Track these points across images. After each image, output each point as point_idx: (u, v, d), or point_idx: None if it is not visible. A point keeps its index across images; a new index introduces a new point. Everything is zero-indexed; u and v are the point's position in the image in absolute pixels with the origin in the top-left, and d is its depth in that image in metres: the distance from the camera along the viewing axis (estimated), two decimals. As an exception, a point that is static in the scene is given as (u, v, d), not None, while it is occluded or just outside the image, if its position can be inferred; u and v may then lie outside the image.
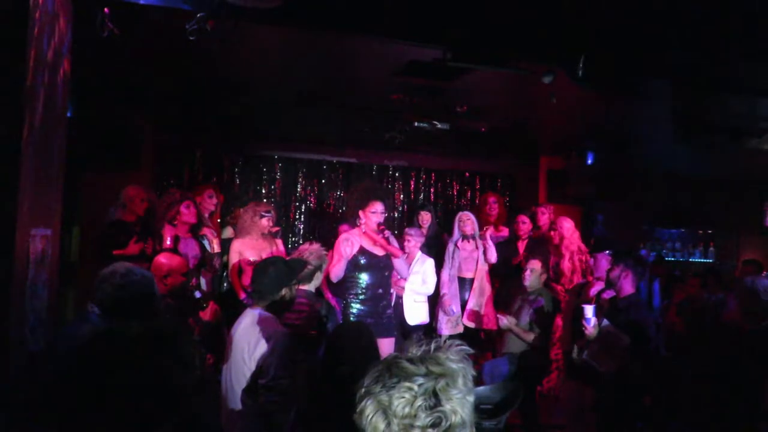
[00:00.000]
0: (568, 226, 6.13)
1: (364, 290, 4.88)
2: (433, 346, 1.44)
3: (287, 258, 4.00)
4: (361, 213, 4.94)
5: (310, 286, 4.13)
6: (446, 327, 5.84)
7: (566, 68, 4.15)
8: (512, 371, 4.92)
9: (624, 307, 4.30)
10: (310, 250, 4.19)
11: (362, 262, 4.87)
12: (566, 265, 5.97)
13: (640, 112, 5.79)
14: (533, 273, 5.16)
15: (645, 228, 9.00)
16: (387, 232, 4.95)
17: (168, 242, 5.22)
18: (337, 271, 4.81)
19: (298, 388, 3.14)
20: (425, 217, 6.48)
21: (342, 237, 5.00)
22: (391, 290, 5.24)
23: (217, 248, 5.56)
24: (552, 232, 6.14)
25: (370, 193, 5.04)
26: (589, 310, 4.26)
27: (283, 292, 3.35)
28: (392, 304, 5.23)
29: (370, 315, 4.85)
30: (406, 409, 1.34)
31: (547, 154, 8.42)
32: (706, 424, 3.71)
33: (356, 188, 6.89)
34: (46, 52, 3.01)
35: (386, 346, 4.68)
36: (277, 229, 5.54)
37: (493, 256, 5.92)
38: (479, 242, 5.98)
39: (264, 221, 5.44)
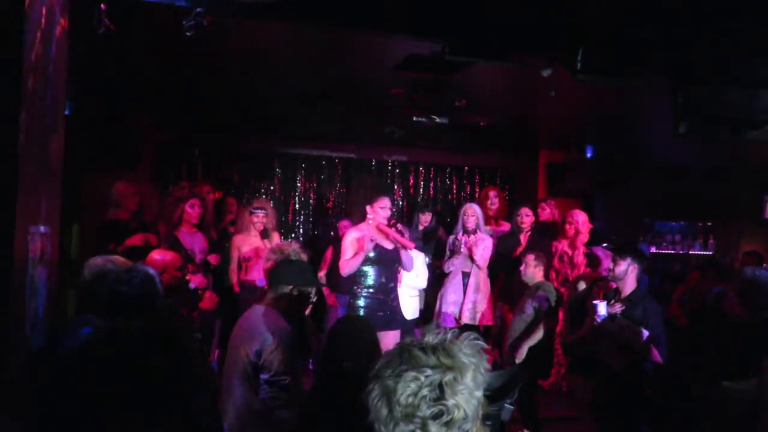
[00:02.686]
0: (582, 219, 6.09)
1: (374, 283, 4.93)
2: (449, 335, 1.45)
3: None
4: (368, 208, 4.99)
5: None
6: (448, 320, 5.85)
7: (565, 61, 4.13)
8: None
9: (639, 301, 4.27)
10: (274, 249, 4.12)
11: (372, 255, 4.90)
12: (580, 258, 5.94)
13: (639, 105, 5.78)
14: (528, 266, 5.16)
15: (644, 221, 9.00)
16: (400, 226, 5.00)
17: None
18: (352, 265, 4.86)
19: (300, 384, 3.14)
20: (423, 219, 6.55)
21: (352, 233, 5.02)
22: (399, 284, 5.25)
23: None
24: (567, 225, 6.10)
25: (377, 189, 5.13)
26: (602, 307, 4.24)
27: (301, 289, 3.36)
28: (397, 296, 5.23)
29: (380, 308, 4.89)
30: (410, 399, 1.35)
31: (547, 148, 8.41)
32: (707, 419, 3.71)
33: (361, 184, 6.92)
34: (43, 49, 2.99)
35: (392, 338, 4.71)
36: (261, 228, 5.55)
37: (479, 258, 5.89)
38: (479, 236, 5.96)
39: (253, 218, 5.51)
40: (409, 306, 5.65)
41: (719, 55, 4.25)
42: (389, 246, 4.99)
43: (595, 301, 4.34)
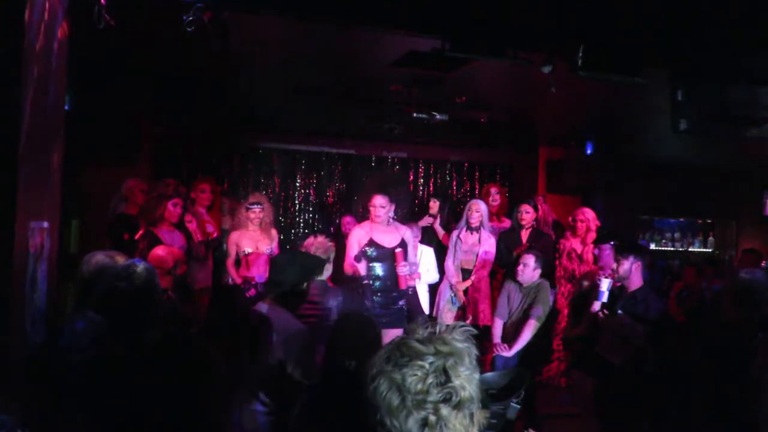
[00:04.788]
0: (592, 216, 6.08)
1: (374, 282, 4.92)
2: (438, 328, 1.50)
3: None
4: (369, 206, 5.04)
5: (322, 276, 4.13)
6: (447, 317, 5.85)
7: (565, 58, 4.13)
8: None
9: (642, 298, 4.26)
10: (316, 245, 4.22)
11: (372, 254, 4.90)
12: (590, 256, 5.93)
13: (639, 102, 5.77)
14: (526, 268, 5.11)
15: (644, 218, 9.01)
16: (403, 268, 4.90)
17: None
18: (351, 262, 4.94)
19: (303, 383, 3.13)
20: (433, 206, 6.58)
21: (354, 231, 5.09)
22: (410, 282, 5.23)
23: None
24: (579, 223, 6.08)
25: (373, 186, 5.14)
26: (605, 284, 4.24)
27: (303, 286, 3.36)
28: (407, 294, 5.21)
29: (381, 306, 4.89)
30: (419, 386, 1.40)
31: (546, 145, 8.41)
32: (707, 416, 3.71)
33: (366, 181, 6.99)
34: (43, 45, 2.99)
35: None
36: (258, 223, 5.56)
37: (481, 258, 5.91)
38: (482, 235, 5.94)
39: (249, 214, 5.48)
40: (425, 301, 5.68)
41: (719, 52, 4.25)
42: (389, 244, 4.99)
43: (600, 277, 4.34)
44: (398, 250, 4.93)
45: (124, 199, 5.66)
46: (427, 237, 6.32)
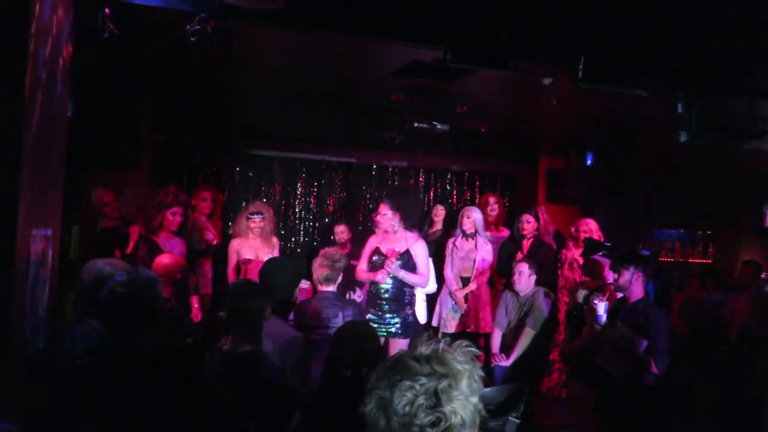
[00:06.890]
0: (595, 227, 6.07)
1: (380, 290, 4.92)
2: (441, 345, 1.45)
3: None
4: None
5: (332, 288, 4.13)
6: (450, 325, 5.83)
7: (566, 69, 4.14)
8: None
9: (643, 309, 4.26)
10: (325, 254, 4.24)
11: (377, 261, 4.94)
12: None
13: (639, 113, 5.79)
14: (522, 276, 5.13)
15: (644, 228, 9.00)
16: (389, 263, 4.90)
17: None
18: (362, 273, 5.05)
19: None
20: (440, 213, 6.57)
21: (370, 238, 5.17)
22: (414, 291, 5.22)
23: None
24: (582, 234, 6.07)
25: (383, 197, 5.27)
26: (601, 307, 4.24)
27: (295, 293, 3.37)
28: (413, 303, 5.20)
29: (387, 313, 4.90)
30: (407, 408, 1.35)
31: (547, 155, 8.42)
32: (708, 424, 3.71)
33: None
34: (46, 52, 3.00)
35: (402, 346, 4.70)
36: (259, 232, 5.54)
37: (478, 264, 5.90)
38: (478, 242, 5.93)
39: (250, 223, 5.48)
40: (420, 310, 5.68)
41: (720, 64, 4.27)
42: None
43: (596, 300, 4.33)
44: (396, 249, 4.95)
45: (99, 214, 5.65)
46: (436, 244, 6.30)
